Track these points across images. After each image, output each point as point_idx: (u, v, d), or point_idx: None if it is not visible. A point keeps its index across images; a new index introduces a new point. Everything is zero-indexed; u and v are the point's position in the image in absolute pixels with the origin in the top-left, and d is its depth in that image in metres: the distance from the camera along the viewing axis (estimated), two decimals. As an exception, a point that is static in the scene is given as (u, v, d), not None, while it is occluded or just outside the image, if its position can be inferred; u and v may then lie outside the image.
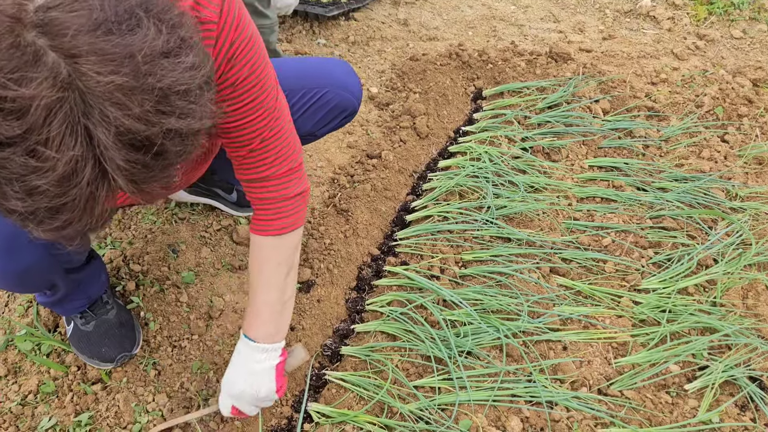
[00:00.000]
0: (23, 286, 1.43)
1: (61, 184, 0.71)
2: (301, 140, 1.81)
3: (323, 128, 1.78)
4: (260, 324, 1.39)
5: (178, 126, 0.75)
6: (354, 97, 1.74)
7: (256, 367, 1.38)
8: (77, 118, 0.69)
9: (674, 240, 2.14)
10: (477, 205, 2.23)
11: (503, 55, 3.06)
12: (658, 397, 1.69)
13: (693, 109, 2.78)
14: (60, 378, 1.65)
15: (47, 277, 1.43)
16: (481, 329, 1.79)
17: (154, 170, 0.78)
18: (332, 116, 1.74)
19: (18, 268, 1.30)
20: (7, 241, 1.25)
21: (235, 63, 1.10)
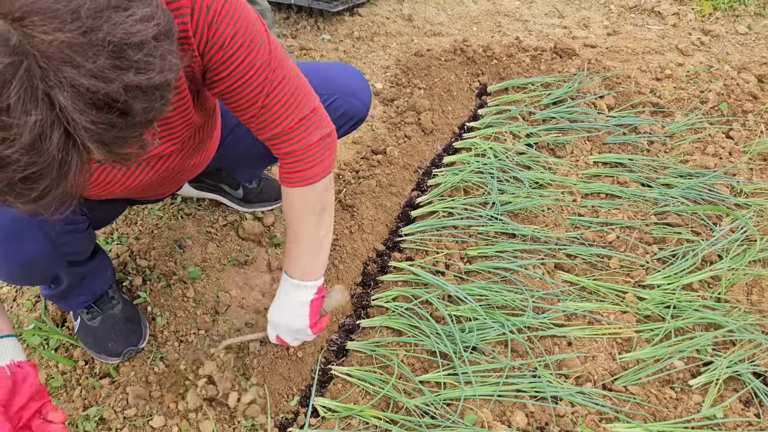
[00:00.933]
0: (26, 278, 1.43)
1: (30, 152, 0.70)
2: None
3: (339, 129, 1.77)
4: (296, 262, 1.48)
5: (138, 81, 0.74)
6: (363, 104, 1.74)
7: (291, 301, 1.48)
8: (35, 83, 0.69)
9: (679, 236, 2.14)
10: (482, 201, 2.24)
11: (508, 51, 3.06)
12: (662, 392, 1.69)
13: (698, 105, 2.78)
14: (68, 372, 1.66)
15: (50, 270, 1.43)
16: (486, 325, 1.80)
17: (122, 130, 0.76)
18: (341, 123, 1.72)
19: (21, 260, 1.31)
20: (10, 233, 1.25)
21: (217, 26, 1.09)
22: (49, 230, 1.31)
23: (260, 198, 2.14)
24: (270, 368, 1.69)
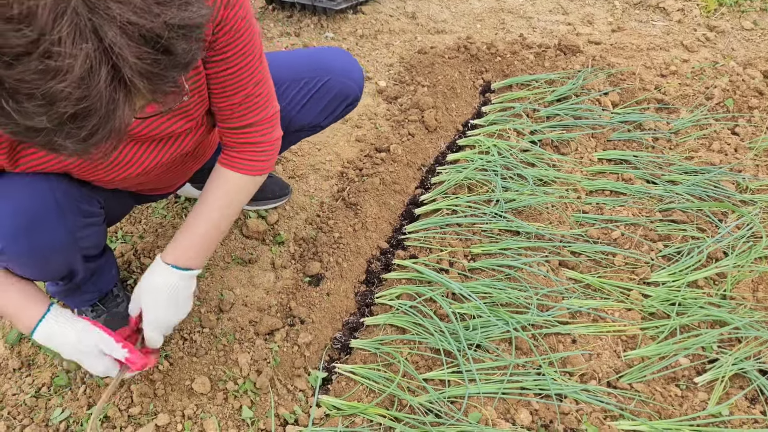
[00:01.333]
0: (43, 270, 1.40)
1: (80, 86, 0.73)
2: (307, 132, 1.83)
3: (327, 118, 1.79)
4: (197, 247, 1.42)
5: (180, 17, 0.78)
6: (356, 84, 1.76)
7: (177, 292, 1.42)
8: (84, 17, 0.71)
9: (684, 233, 2.13)
10: (486, 199, 2.23)
11: (512, 48, 3.05)
12: (667, 389, 1.69)
13: (703, 102, 2.77)
14: (72, 371, 1.66)
15: (67, 264, 1.41)
16: (490, 322, 1.79)
17: (165, 68, 0.80)
18: (335, 104, 1.76)
19: (41, 249, 1.29)
20: (31, 224, 1.25)
21: (231, 7, 1.16)
22: (69, 222, 1.30)
23: (263, 195, 2.14)
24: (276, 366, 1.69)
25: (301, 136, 1.87)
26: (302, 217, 2.18)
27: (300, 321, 1.82)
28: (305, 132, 1.83)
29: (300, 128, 1.79)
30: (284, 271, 1.97)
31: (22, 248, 1.28)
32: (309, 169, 2.39)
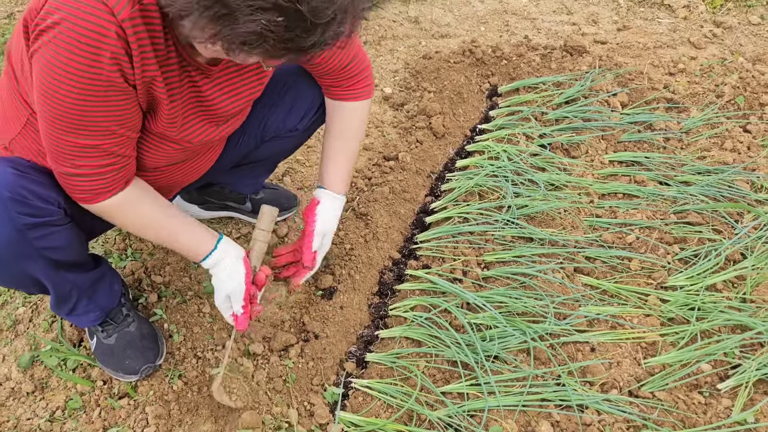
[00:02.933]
0: (4, 276, 1.42)
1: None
2: (287, 138, 1.83)
3: (302, 120, 1.77)
4: (344, 177, 1.74)
5: None
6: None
7: (337, 214, 1.74)
8: None
9: (700, 235, 2.10)
10: (497, 205, 2.20)
11: (517, 51, 3.03)
12: (690, 397, 1.66)
13: (713, 100, 2.74)
14: (87, 393, 1.65)
15: (24, 265, 1.38)
16: (507, 332, 1.77)
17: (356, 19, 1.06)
18: (305, 107, 1.75)
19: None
20: None
21: None
22: (15, 218, 1.28)
23: (272, 208, 2.13)
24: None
25: (283, 147, 1.87)
26: (312, 228, 2.16)
27: (314, 335, 1.80)
28: (285, 139, 1.82)
29: (276, 134, 1.78)
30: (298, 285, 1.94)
31: None
32: (317, 180, 2.36)
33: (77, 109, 1.17)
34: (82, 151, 1.24)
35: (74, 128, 1.20)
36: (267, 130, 1.78)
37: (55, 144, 1.23)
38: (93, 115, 1.19)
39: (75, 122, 1.19)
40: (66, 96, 1.14)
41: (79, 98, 1.15)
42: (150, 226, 1.46)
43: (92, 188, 1.31)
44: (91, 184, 1.30)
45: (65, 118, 1.18)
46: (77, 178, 1.28)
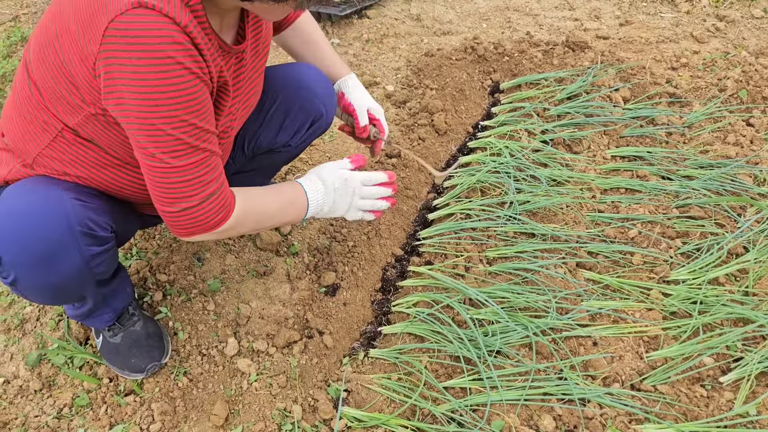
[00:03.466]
0: (57, 298, 1.44)
1: None
2: (281, 153, 1.85)
3: (294, 137, 1.78)
4: (339, 61, 1.85)
5: None
6: (318, 100, 1.72)
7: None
8: None
9: (702, 229, 2.10)
10: (499, 201, 2.21)
11: (519, 47, 3.03)
12: (692, 390, 1.66)
13: (716, 93, 2.73)
14: (93, 390, 1.67)
15: (81, 290, 1.45)
16: (509, 327, 1.77)
17: None
18: (298, 122, 1.74)
19: (57, 280, 1.33)
20: (48, 253, 1.27)
21: None
22: (84, 251, 1.33)
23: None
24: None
25: (278, 159, 1.90)
26: (315, 227, 2.17)
27: (318, 332, 1.81)
28: (278, 153, 1.84)
29: (269, 147, 1.79)
30: (300, 282, 1.96)
31: (38, 280, 1.30)
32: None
33: (180, 122, 1.18)
34: (199, 166, 1.25)
35: (181, 148, 1.21)
36: (259, 145, 1.79)
37: (173, 176, 1.23)
38: (196, 118, 1.21)
39: (181, 137, 1.20)
40: (167, 113, 1.16)
41: (179, 109, 1.17)
42: (265, 219, 1.48)
43: (220, 206, 1.32)
44: (218, 202, 1.31)
45: (171, 142, 1.19)
46: (205, 203, 1.29)
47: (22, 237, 1.25)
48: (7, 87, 2.71)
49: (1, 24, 3.15)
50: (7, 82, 2.74)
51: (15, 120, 1.37)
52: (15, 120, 1.37)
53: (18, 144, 1.38)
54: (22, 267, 1.27)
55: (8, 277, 1.31)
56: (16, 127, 1.37)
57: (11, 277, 1.30)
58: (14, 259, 1.26)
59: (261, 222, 1.47)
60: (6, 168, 1.41)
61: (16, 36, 2.98)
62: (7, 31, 3.10)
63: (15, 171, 1.40)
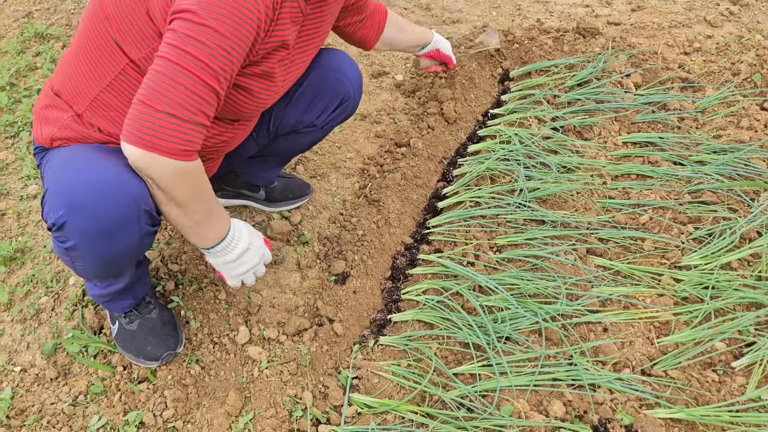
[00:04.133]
0: (105, 270, 1.44)
1: None
2: (304, 134, 1.87)
3: (320, 116, 1.80)
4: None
5: None
6: (348, 81, 1.77)
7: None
8: None
9: (715, 214, 2.08)
10: (509, 189, 2.20)
11: (529, 34, 3.01)
12: (704, 375, 1.65)
13: (729, 78, 2.70)
14: (108, 378, 1.69)
15: (128, 265, 1.49)
16: (518, 314, 1.77)
17: None
18: (326, 101, 1.77)
19: (113, 253, 1.34)
20: (115, 227, 1.28)
21: None
22: (143, 230, 1.34)
23: (284, 196, 2.15)
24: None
25: (300, 142, 1.90)
26: (325, 216, 2.18)
27: (328, 320, 1.83)
28: (301, 134, 1.85)
29: (294, 127, 1.80)
30: (310, 270, 1.97)
31: (97, 250, 1.32)
32: (330, 168, 2.39)
33: (221, 43, 1.19)
34: (206, 91, 1.21)
35: (206, 64, 1.18)
36: (284, 124, 1.81)
37: (183, 78, 1.18)
38: (236, 43, 1.21)
39: (214, 54, 1.19)
40: (220, 28, 1.17)
41: (231, 30, 1.19)
42: (206, 199, 1.38)
43: (194, 139, 1.24)
44: (195, 135, 1.23)
45: (204, 50, 1.18)
46: (186, 125, 1.21)
47: (93, 207, 1.25)
48: (22, 82, 2.75)
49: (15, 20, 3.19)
50: (21, 77, 2.78)
51: (76, 64, 1.38)
52: (76, 64, 1.38)
53: (78, 87, 1.38)
54: (86, 235, 1.28)
55: (66, 242, 1.31)
56: (76, 71, 1.38)
57: (70, 243, 1.30)
58: (80, 226, 1.26)
59: (194, 199, 1.35)
60: (55, 125, 1.41)
61: (30, 32, 3.01)
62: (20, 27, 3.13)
63: (64, 126, 1.40)
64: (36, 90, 2.69)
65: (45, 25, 3.10)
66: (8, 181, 2.26)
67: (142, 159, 1.21)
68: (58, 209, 1.26)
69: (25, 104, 2.59)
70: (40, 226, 2.11)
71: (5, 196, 2.19)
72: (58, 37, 3.02)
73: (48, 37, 3.02)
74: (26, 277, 1.94)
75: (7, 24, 3.14)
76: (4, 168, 2.31)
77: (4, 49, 2.92)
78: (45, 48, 2.93)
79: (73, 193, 1.25)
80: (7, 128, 2.48)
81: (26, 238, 2.06)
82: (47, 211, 1.30)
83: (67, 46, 2.98)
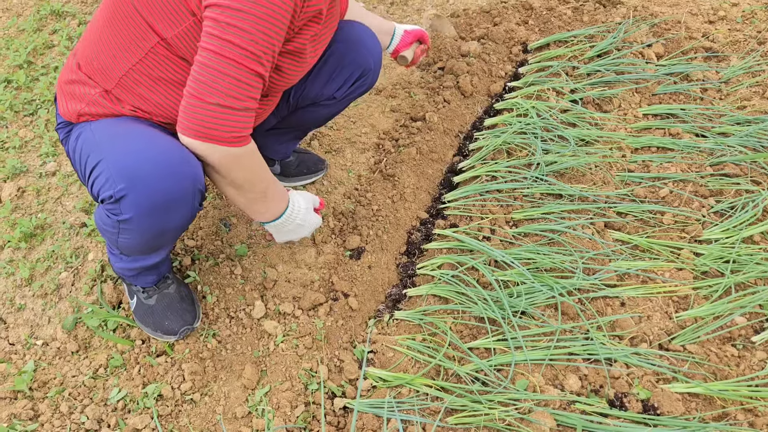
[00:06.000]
0: (153, 243, 1.47)
1: None
2: (324, 107, 1.87)
3: (340, 89, 1.80)
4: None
5: None
6: (370, 54, 1.76)
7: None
8: None
9: (737, 187, 2.03)
10: (526, 163, 2.17)
11: (548, 4, 2.94)
12: (723, 350, 1.63)
13: (755, 47, 2.61)
14: (127, 352, 1.72)
15: (173, 240, 1.53)
16: (534, 288, 1.76)
17: None
18: (347, 74, 1.77)
19: (166, 228, 1.38)
20: (172, 203, 1.32)
21: None
22: (195, 209, 1.39)
23: (299, 171, 2.15)
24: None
25: (319, 115, 1.89)
26: (340, 191, 2.18)
27: (343, 295, 1.83)
28: (321, 107, 1.84)
29: (314, 100, 1.80)
30: (325, 246, 1.97)
31: (152, 224, 1.35)
32: (345, 143, 2.38)
33: (265, 27, 1.20)
34: (252, 77, 1.24)
35: (251, 50, 1.20)
36: (305, 96, 1.81)
37: (232, 69, 1.21)
38: (275, 25, 1.23)
39: (257, 40, 1.20)
40: (259, 6, 1.18)
41: (270, 12, 1.20)
42: (261, 179, 1.44)
43: (246, 125, 1.28)
44: (246, 121, 1.28)
45: (249, 37, 1.20)
46: (237, 113, 1.25)
47: (156, 181, 1.27)
48: (39, 60, 2.76)
49: (32, -1, 3.20)
50: (38, 55, 2.79)
51: (103, 41, 1.37)
52: (103, 41, 1.37)
53: (105, 63, 1.38)
54: (143, 209, 1.30)
55: (121, 215, 1.32)
56: (103, 48, 1.37)
57: (126, 215, 1.32)
58: (140, 200, 1.28)
59: (250, 181, 1.41)
60: (83, 101, 1.41)
61: (46, 10, 3.01)
62: (37, 4, 3.13)
63: (92, 102, 1.40)
64: (53, 68, 2.70)
65: (61, 2, 3.11)
66: (27, 158, 2.28)
67: (200, 148, 1.28)
68: (118, 182, 1.27)
69: (43, 82, 2.60)
70: (59, 203, 2.14)
71: (25, 174, 2.22)
72: (74, 15, 3.02)
73: (64, 15, 3.03)
74: (46, 253, 1.96)
75: (24, 1, 3.15)
76: (24, 146, 2.33)
77: (21, 27, 2.93)
78: (61, 25, 2.94)
79: (135, 167, 1.26)
80: (26, 106, 2.50)
81: (45, 214, 2.08)
82: (102, 183, 1.30)
83: (83, 23, 2.98)
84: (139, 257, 1.59)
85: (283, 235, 1.65)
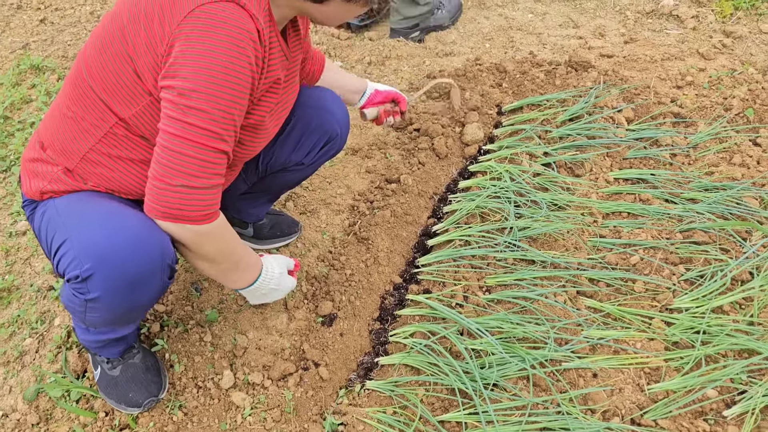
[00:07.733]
0: (121, 320, 1.46)
1: None
2: (293, 172, 1.88)
3: (308, 155, 1.82)
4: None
5: None
6: (335, 120, 1.79)
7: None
8: None
9: (706, 255, 2.06)
10: (499, 227, 2.19)
11: (521, 68, 3.01)
12: (695, 425, 1.62)
13: (721, 113, 2.69)
14: (89, 424, 1.67)
15: (141, 315, 1.53)
16: (505, 360, 1.75)
17: None
18: (314, 140, 1.79)
19: (134, 304, 1.36)
20: (141, 279, 1.30)
21: None
22: (164, 284, 1.38)
23: (273, 234, 2.14)
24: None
25: (289, 179, 1.91)
26: (314, 254, 2.17)
27: (314, 364, 1.80)
28: (291, 172, 1.86)
29: (283, 166, 1.82)
30: (297, 311, 1.95)
31: (120, 302, 1.33)
32: (320, 204, 2.38)
33: (223, 106, 1.21)
34: (216, 156, 1.24)
35: (210, 130, 1.21)
36: (273, 163, 1.83)
37: (192, 150, 1.21)
38: (235, 102, 1.23)
39: (216, 120, 1.21)
40: (219, 93, 1.19)
41: (229, 96, 1.21)
42: (232, 251, 1.44)
43: (213, 202, 1.29)
44: (213, 198, 1.28)
45: (206, 119, 1.20)
46: (203, 192, 1.25)
47: (122, 258, 1.25)
48: (16, 115, 2.75)
49: (12, 52, 3.20)
50: (15, 110, 2.79)
51: (63, 123, 1.38)
52: (63, 123, 1.38)
53: (65, 145, 1.38)
54: (111, 288, 1.28)
55: (89, 294, 1.30)
56: (63, 129, 1.38)
57: (93, 294, 1.29)
58: (108, 278, 1.26)
59: (222, 253, 1.40)
60: (45, 179, 1.40)
61: (26, 64, 3.02)
62: (17, 58, 3.14)
63: (55, 179, 1.39)
64: (30, 123, 2.69)
65: (41, 56, 3.12)
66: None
67: (171, 229, 1.29)
68: (84, 261, 1.25)
69: (18, 138, 2.59)
70: (28, 264, 2.10)
71: (-7, 234, 2.19)
72: (54, 69, 3.03)
73: (44, 69, 3.04)
74: (11, 318, 1.92)
75: (5, 55, 3.16)
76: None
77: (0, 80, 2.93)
78: (40, 80, 2.94)
79: (101, 246, 1.25)
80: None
81: (13, 276, 2.04)
82: (68, 262, 1.28)
83: (62, 78, 2.99)
84: (108, 330, 1.56)
85: (257, 299, 1.64)
